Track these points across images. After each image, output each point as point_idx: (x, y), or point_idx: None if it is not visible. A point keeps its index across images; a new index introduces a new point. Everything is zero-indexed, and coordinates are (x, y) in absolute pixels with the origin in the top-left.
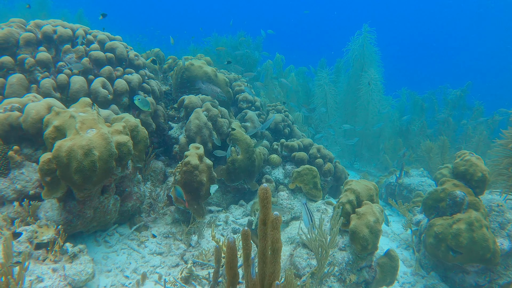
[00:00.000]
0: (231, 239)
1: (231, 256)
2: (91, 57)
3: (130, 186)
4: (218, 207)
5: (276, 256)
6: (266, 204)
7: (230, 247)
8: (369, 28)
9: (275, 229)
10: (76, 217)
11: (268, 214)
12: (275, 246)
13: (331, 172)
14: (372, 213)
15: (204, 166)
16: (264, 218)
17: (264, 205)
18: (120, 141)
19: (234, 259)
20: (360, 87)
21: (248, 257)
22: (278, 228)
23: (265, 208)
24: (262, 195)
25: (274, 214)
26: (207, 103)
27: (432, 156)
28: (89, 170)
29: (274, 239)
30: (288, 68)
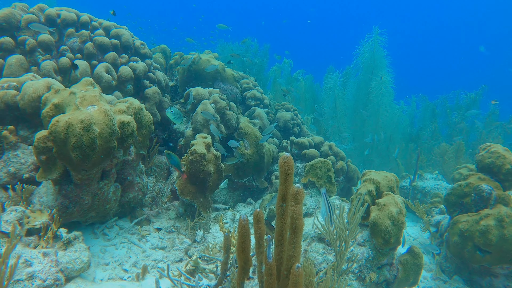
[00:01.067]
0: (244, 216)
1: (243, 237)
2: (95, 42)
3: (132, 175)
4: (225, 205)
5: (296, 236)
6: (288, 175)
7: (242, 225)
8: (379, 30)
9: (297, 204)
10: (72, 203)
11: (288, 186)
12: (296, 224)
13: (343, 171)
14: (394, 204)
15: (211, 156)
16: (284, 192)
17: (285, 177)
18: (123, 120)
19: (246, 240)
20: (371, 91)
21: (261, 242)
22: (300, 203)
23: (286, 180)
24: (284, 165)
25: (296, 186)
26: (215, 95)
27: (447, 159)
28: (88, 148)
29: (295, 215)
30: (297, 72)
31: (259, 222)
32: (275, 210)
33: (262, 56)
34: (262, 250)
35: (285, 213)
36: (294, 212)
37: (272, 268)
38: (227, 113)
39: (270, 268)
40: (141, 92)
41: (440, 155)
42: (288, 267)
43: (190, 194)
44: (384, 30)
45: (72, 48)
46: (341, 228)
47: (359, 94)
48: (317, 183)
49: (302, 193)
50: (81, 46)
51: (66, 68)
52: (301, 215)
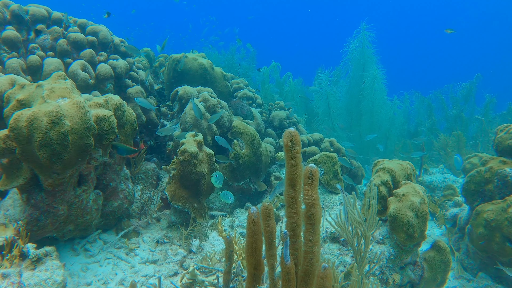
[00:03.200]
0: (254, 209)
1: (254, 235)
2: (69, 39)
3: (115, 181)
4: (221, 212)
5: (314, 227)
6: (295, 154)
7: (252, 221)
8: (367, 25)
9: (312, 186)
10: (44, 214)
11: (297, 166)
12: (313, 212)
13: (346, 168)
14: (415, 193)
15: (204, 155)
16: (293, 175)
17: (292, 156)
18: (101, 114)
19: (258, 239)
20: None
21: (272, 242)
22: (315, 185)
23: (294, 159)
24: (288, 141)
25: (310, 165)
26: (205, 93)
27: (449, 150)
28: (58, 144)
29: (311, 201)
30: (286, 75)
31: (268, 218)
32: (284, 199)
33: (249, 61)
34: (273, 252)
35: (296, 201)
36: (309, 197)
37: (290, 271)
38: (218, 112)
39: (288, 272)
40: (123, 93)
41: (441, 148)
42: (307, 267)
43: (182, 199)
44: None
45: (43, 45)
46: (358, 221)
47: (352, 92)
48: (323, 180)
49: (317, 173)
50: (53, 43)
51: (35, 67)
52: (318, 200)
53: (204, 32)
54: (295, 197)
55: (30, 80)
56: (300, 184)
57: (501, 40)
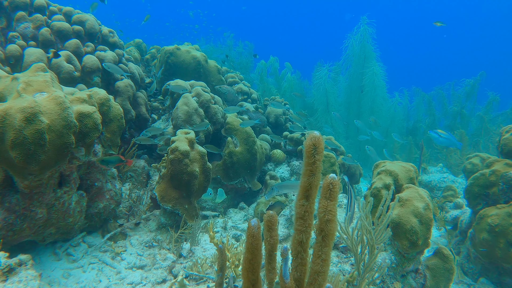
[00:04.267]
0: (254, 221)
1: (253, 251)
2: (53, 27)
3: (100, 180)
4: (214, 212)
5: (326, 245)
6: (316, 161)
7: (252, 235)
8: (368, 20)
9: (331, 199)
10: (20, 218)
11: (315, 176)
12: (328, 228)
13: (344, 167)
14: (419, 198)
15: (196, 154)
16: (309, 184)
17: (312, 162)
18: (83, 111)
19: (257, 255)
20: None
21: (272, 254)
22: (335, 199)
23: (313, 166)
24: (311, 146)
25: (331, 176)
26: (197, 88)
27: (452, 149)
28: (34, 144)
29: (328, 216)
30: (284, 71)
31: (271, 229)
32: (295, 210)
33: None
34: (273, 265)
35: (309, 214)
36: (326, 212)
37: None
38: (212, 107)
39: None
40: (111, 86)
41: None
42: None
43: (172, 200)
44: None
45: (24, 34)
46: (368, 230)
47: (351, 88)
48: None
49: (337, 185)
50: (35, 32)
51: (16, 57)
52: (335, 216)
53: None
54: (309, 210)
55: (9, 72)
56: (315, 195)
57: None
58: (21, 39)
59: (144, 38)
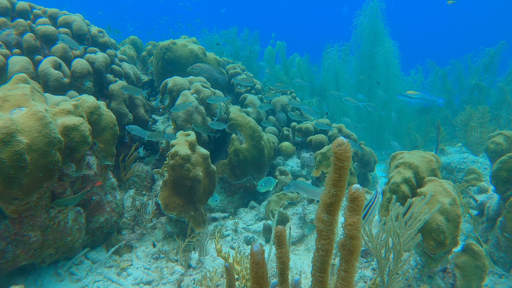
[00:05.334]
0: (257, 247)
1: (260, 280)
2: (37, 32)
3: (98, 194)
4: (224, 213)
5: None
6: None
7: (256, 262)
8: None
9: (356, 214)
10: (12, 244)
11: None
12: (353, 245)
13: (358, 156)
14: (444, 192)
15: (198, 157)
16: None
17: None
18: (68, 124)
19: (264, 284)
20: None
21: (285, 274)
22: (359, 213)
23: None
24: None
25: (354, 187)
26: (197, 84)
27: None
28: (13, 167)
29: (353, 232)
30: (292, 56)
31: (281, 244)
32: (316, 224)
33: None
34: (286, 286)
35: (331, 231)
36: (351, 226)
37: None
38: (213, 104)
39: None
40: (105, 89)
41: (463, 124)
42: None
43: (177, 208)
44: None
45: (7, 42)
46: (396, 232)
47: (362, 68)
48: None
49: (362, 197)
50: (19, 39)
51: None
52: (361, 231)
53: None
54: (332, 224)
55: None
56: (338, 207)
57: None
58: (4, 47)
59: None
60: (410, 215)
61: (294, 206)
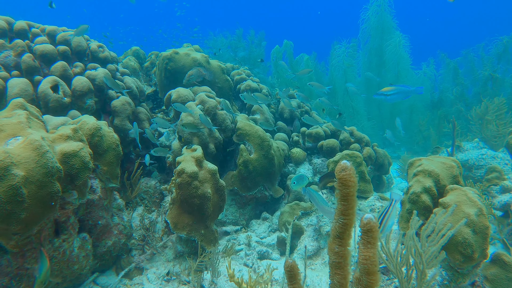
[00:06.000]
0: None
1: None
2: (36, 52)
3: (104, 218)
4: (236, 225)
5: None
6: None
7: None
8: None
9: (370, 246)
10: (15, 279)
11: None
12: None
13: (371, 159)
14: (469, 202)
15: (206, 173)
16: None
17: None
18: (67, 150)
19: None
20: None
21: None
22: (374, 245)
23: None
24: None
25: (366, 217)
26: (201, 94)
27: (489, 118)
28: (9, 202)
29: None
30: (300, 56)
31: (293, 279)
32: (328, 254)
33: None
34: None
35: (344, 263)
36: (366, 261)
37: None
38: (219, 114)
39: None
40: (107, 106)
41: (479, 117)
42: None
43: (186, 227)
44: None
45: (6, 64)
46: (418, 252)
47: (371, 65)
48: None
49: (376, 228)
50: (18, 60)
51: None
52: (377, 265)
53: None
54: (344, 255)
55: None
56: (350, 236)
57: None
58: (3, 70)
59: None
60: (432, 229)
61: (308, 216)
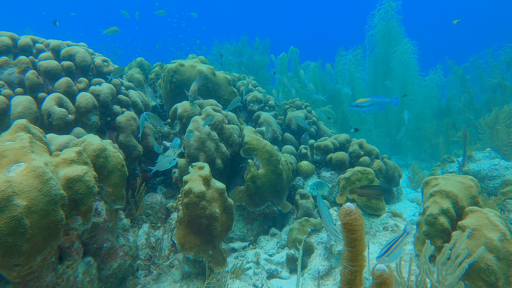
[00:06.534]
0: None
1: None
2: (40, 68)
3: (109, 240)
4: (243, 242)
5: None
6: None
7: None
8: None
9: None
10: None
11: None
12: None
13: (382, 172)
14: (491, 226)
15: (214, 192)
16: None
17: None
18: (71, 175)
19: None
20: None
21: None
22: None
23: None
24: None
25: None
26: (207, 108)
27: (499, 128)
28: (11, 234)
29: None
30: (305, 63)
31: None
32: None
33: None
34: None
35: None
36: None
37: None
38: (226, 128)
39: None
40: (112, 122)
41: (488, 126)
42: None
43: (194, 248)
44: None
45: (10, 82)
46: (434, 286)
47: (377, 72)
48: (359, 201)
49: (390, 281)
50: (21, 77)
51: (2, 109)
52: None
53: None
54: None
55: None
56: (361, 282)
57: None
58: (7, 87)
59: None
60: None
61: (318, 233)
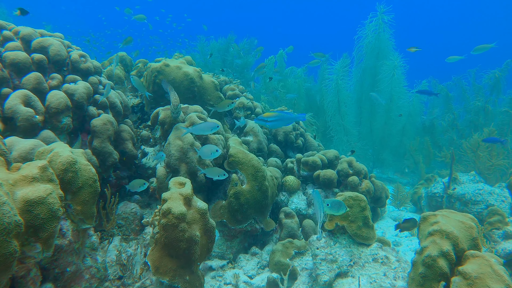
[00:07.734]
0: None
1: None
2: (5, 59)
3: (73, 263)
4: (222, 260)
5: None
6: None
7: None
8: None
9: None
10: None
11: None
12: None
13: (370, 193)
14: (493, 275)
15: (195, 213)
16: None
17: None
18: (31, 197)
19: None
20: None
21: None
22: None
23: None
24: None
25: None
26: (192, 115)
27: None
28: None
29: None
30: (290, 68)
31: None
32: None
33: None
34: None
35: None
36: None
37: None
38: (210, 138)
39: None
40: (86, 124)
41: (471, 150)
42: None
43: (169, 273)
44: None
45: None
46: None
47: (363, 84)
48: (349, 229)
49: None
50: None
51: None
52: None
53: None
54: None
55: None
56: None
57: None
58: None
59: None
60: None
61: (302, 256)
